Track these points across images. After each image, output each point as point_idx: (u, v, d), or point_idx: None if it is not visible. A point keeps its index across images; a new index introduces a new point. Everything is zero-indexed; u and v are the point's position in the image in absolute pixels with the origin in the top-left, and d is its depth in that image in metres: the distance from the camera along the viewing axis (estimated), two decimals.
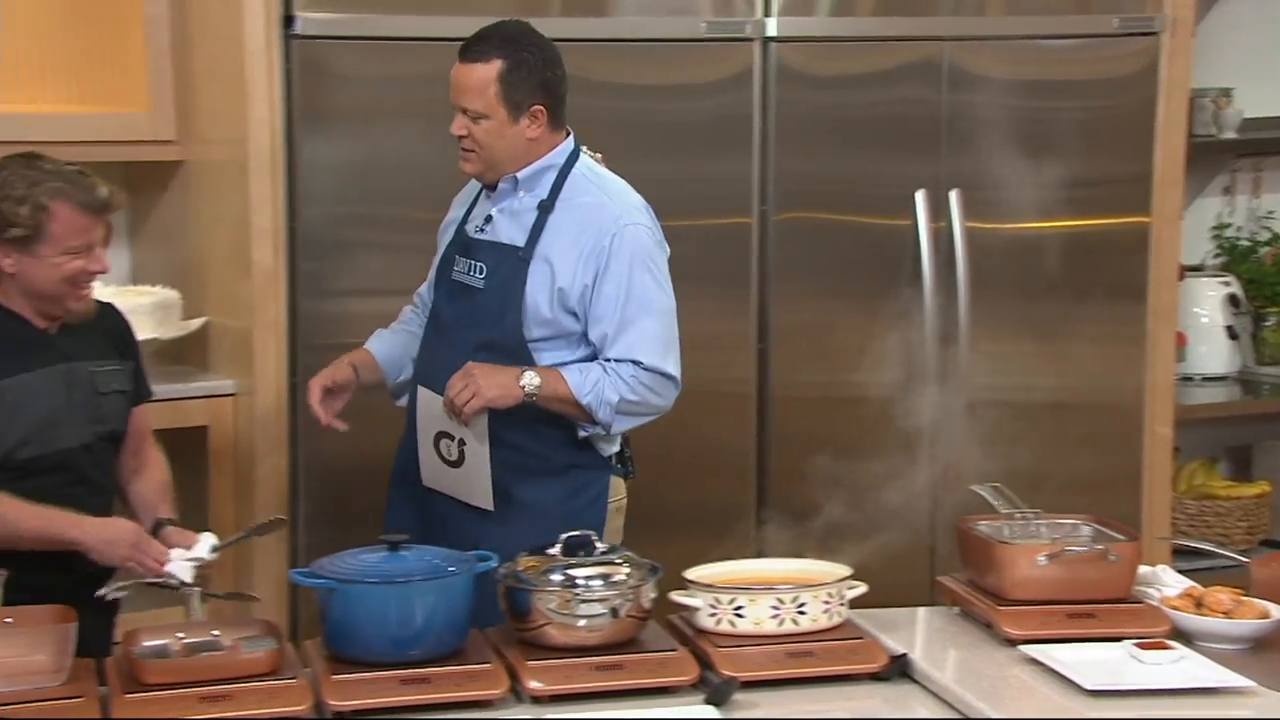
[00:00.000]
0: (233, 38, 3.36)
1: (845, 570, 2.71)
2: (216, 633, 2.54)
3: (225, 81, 3.42)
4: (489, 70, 2.87)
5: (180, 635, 2.52)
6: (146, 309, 3.46)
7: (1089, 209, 3.99)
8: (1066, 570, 2.69)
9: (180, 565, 2.74)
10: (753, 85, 3.74)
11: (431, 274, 3.11)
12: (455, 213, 3.08)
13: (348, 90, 3.46)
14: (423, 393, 2.97)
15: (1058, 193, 3.87)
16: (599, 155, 3.08)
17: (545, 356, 2.93)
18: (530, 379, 2.87)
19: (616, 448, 3.05)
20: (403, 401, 3.11)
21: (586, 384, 2.90)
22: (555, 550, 2.64)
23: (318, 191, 3.46)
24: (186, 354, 3.64)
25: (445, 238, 3.06)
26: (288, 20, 3.37)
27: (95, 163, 3.50)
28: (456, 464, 2.94)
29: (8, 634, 2.44)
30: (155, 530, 2.90)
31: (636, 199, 3.01)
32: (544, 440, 2.96)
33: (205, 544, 2.78)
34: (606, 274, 2.90)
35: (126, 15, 3.48)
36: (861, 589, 2.69)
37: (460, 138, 2.91)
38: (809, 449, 3.46)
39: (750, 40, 3.72)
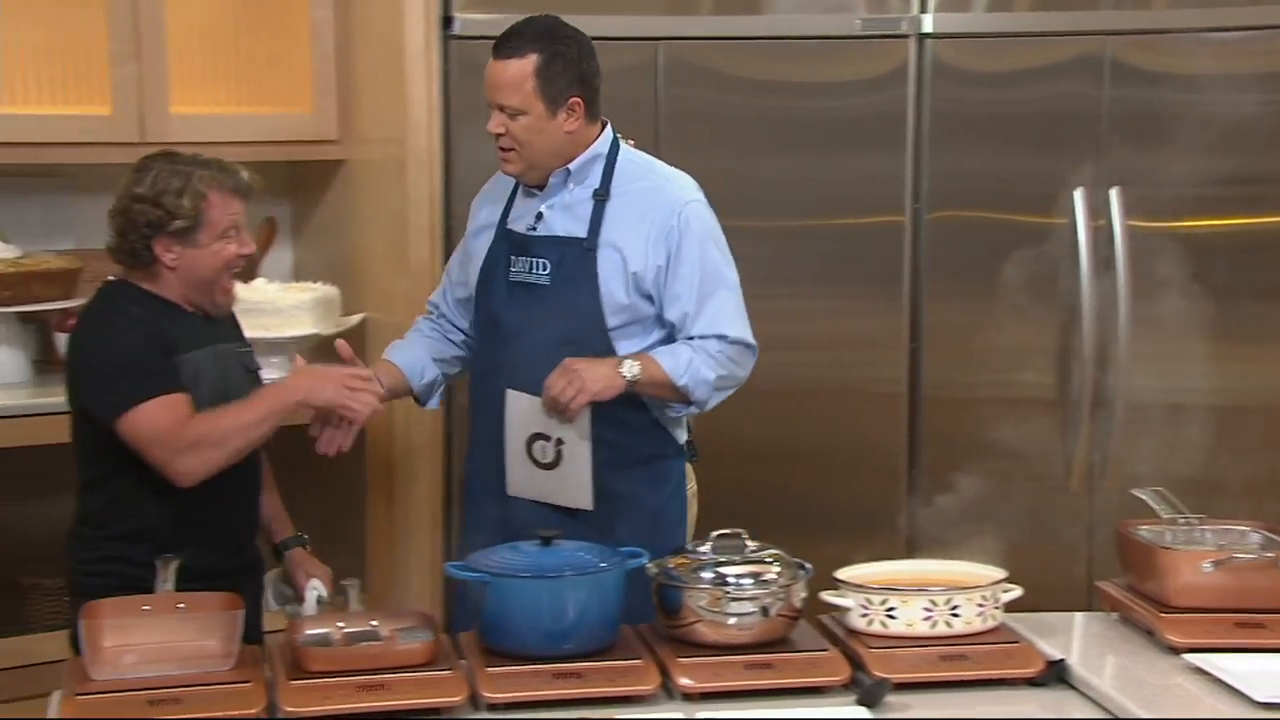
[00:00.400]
0: (393, 39, 3.42)
1: (1000, 573, 2.68)
2: (375, 623, 2.58)
3: (385, 82, 3.48)
4: (525, 65, 2.87)
5: (340, 625, 2.56)
6: (307, 305, 3.54)
7: (1256, 206, 3.89)
8: (1234, 578, 2.63)
9: (308, 606, 2.82)
10: (907, 82, 3.71)
11: (449, 282, 3.11)
12: (485, 217, 3.05)
13: None
14: (512, 396, 2.94)
15: (1222, 189, 3.78)
16: (632, 141, 3.07)
17: (623, 345, 2.94)
18: (630, 367, 2.87)
19: (686, 434, 3.05)
20: (433, 404, 3.11)
21: (680, 365, 2.91)
22: (706, 548, 2.65)
23: (474, 190, 3.50)
24: None
25: (481, 242, 3.03)
26: (446, 21, 3.43)
27: (260, 162, 3.63)
28: (552, 465, 2.92)
29: (180, 619, 2.51)
30: (289, 546, 2.97)
31: (688, 178, 3.02)
32: (629, 431, 2.96)
33: (311, 597, 2.84)
34: (680, 254, 2.92)
35: (293, 19, 3.56)
36: (1016, 592, 2.66)
37: (498, 136, 2.91)
38: (961, 449, 3.43)
39: (905, 37, 3.69)
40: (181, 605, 2.55)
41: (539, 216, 2.97)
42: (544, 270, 2.94)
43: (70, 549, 2.79)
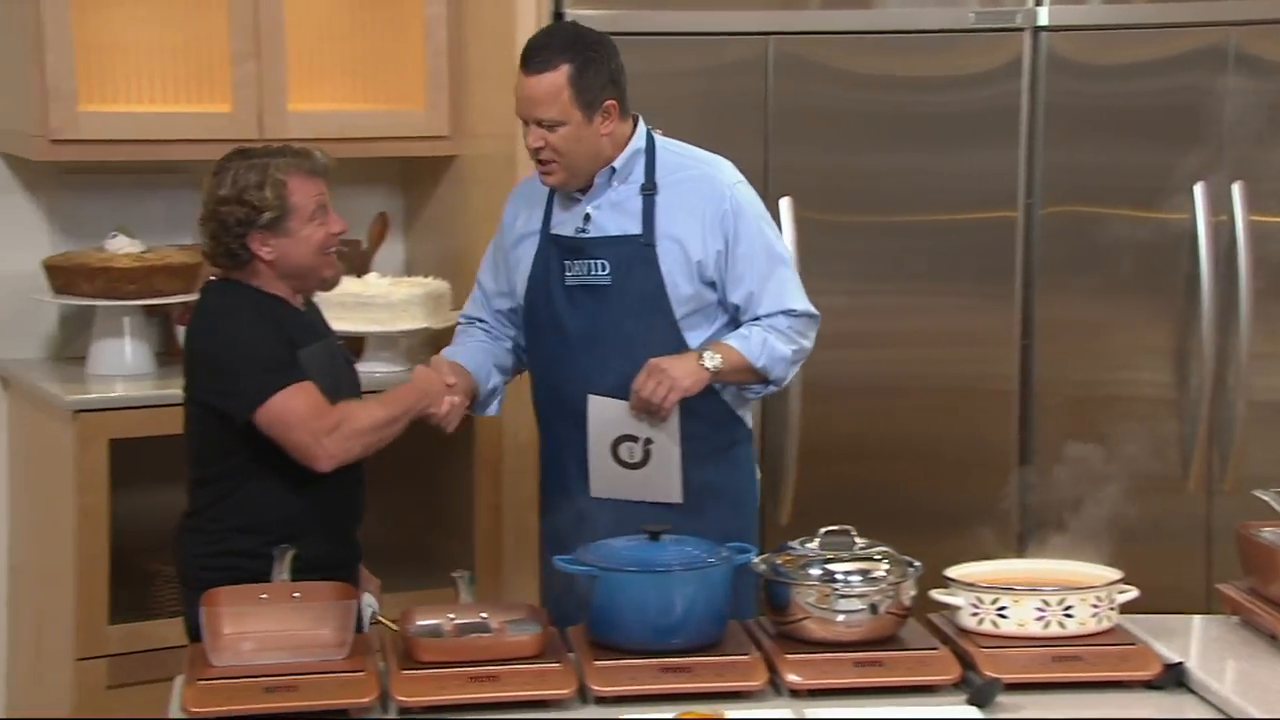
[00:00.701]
0: (505, 35, 3.45)
1: (1115, 573, 2.64)
2: (485, 615, 2.61)
3: (496, 78, 3.51)
4: (558, 76, 2.86)
5: (451, 616, 2.60)
6: (419, 299, 3.58)
7: None
8: None
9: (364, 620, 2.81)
10: (1021, 76, 3.66)
11: (484, 295, 3.09)
12: (523, 225, 3.03)
13: None
14: (595, 402, 2.92)
15: None
16: (660, 130, 3.07)
17: (691, 336, 2.94)
18: (711, 358, 2.88)
19: (751, 418, 3.05)
20: (491, 411, 3.10)
21: (754, 346, 2.92)
22: (814, 544, 2.65)
23: None
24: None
25: (523, 251, 3.01)
26: (557, 16, 3.44)
27: (374, 158, 3.70)
28: (640, 465, 2.91)
29: (295, 608, 2.55)
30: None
31: (726, 161, 3.02)
32: (703, 420, 2.96)
33: (366, 614, 2.81)
34: (737, 236, 2.93)
35: (407, 17, 3.60)
36: (1133, 593, 2.62)
37: (537, 150, 2.90)
38: (1074, 448, 3.38)
39: (1020, 30, 3.65)
40: (297, 594, 2.59)
41: (587, 218, 2.97)
42: (604, 271, 2.95)
43: (183, 541, 2.84)
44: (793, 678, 2.49)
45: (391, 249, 3.90)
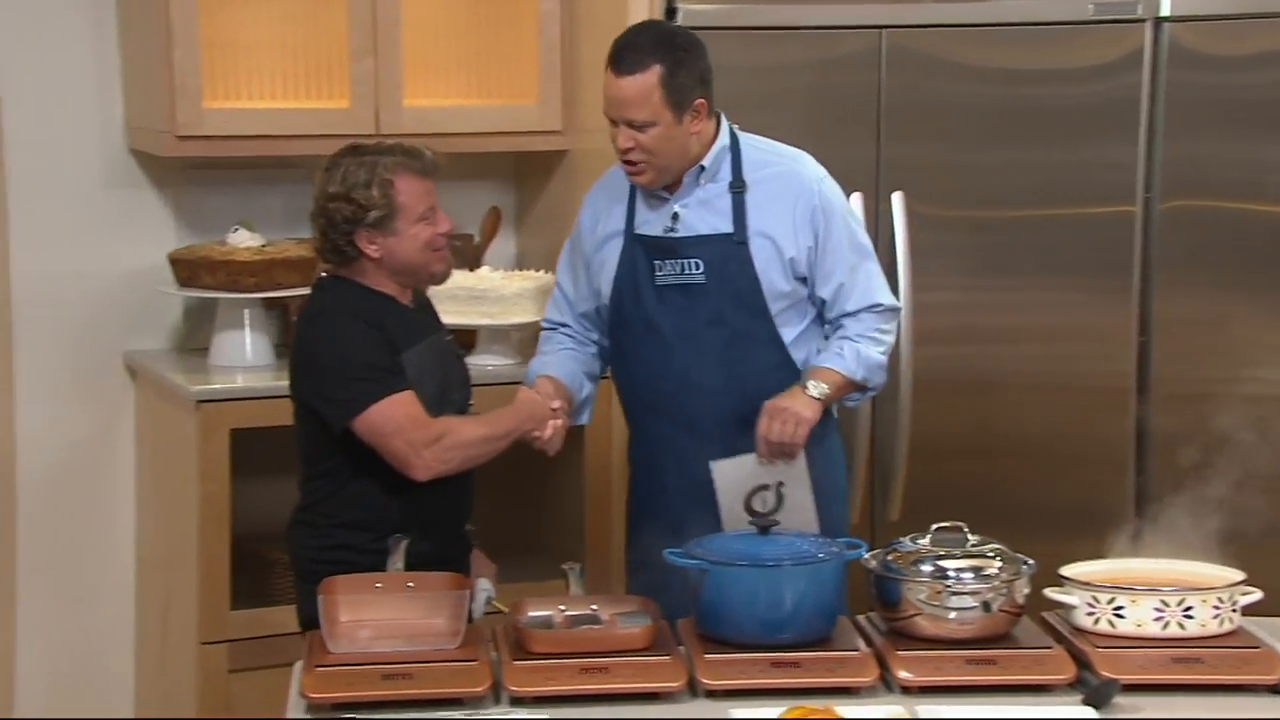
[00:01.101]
0: (617, 31, 3.43)
1: (1237, 574, 2.59)
2: (595, 607, 2.63)
3: None
4: (650, 78, 2.84)
5: (563, 608, 2.62)
6: (530, 293, 3.60)
7: None
8: None
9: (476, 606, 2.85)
10: (1142, 67, 3.60)
11: (565, 299, 3.07)
12: (605, 227, 3.00)
13: (725, 79, 3.49)
14: (721, 466, 2.91)
15: None
16: (738, 124, 3.03)
17: (785, 331, 2.94)
18: (816, 386, 2.87)
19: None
20: (583, 419, 3.09)
21: (849, 362, 2.91)
22: (925, 540, 2.63)
23: None
24: None
25: (608, 252, 2.99)
26: (670, 12, 3.44)
27: (487, 153, 3.72)
28: (775, 511, 2.75)
29: (409, 597, 2.58)
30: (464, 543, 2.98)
31: (809, 155, 3.00)
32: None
33: (481, 598, 2.88)
34: (828, 231, 2.92)
35: (520, 14, 3.61)
36: (1256, 595, 2.57)
37: (627, 150, 2.87)
38: (1193, 446, 3.32)
39: (1142, 21, 3.59)
40: (411, 584, 2.63)
41: (675, 217, 2.95)
42: (698, 270, 2.93)
43: (295, 534, 2.87)
44: (904, 674, 2.48)
45: (503, 243, 3.93)
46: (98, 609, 3.73)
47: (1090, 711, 2.38)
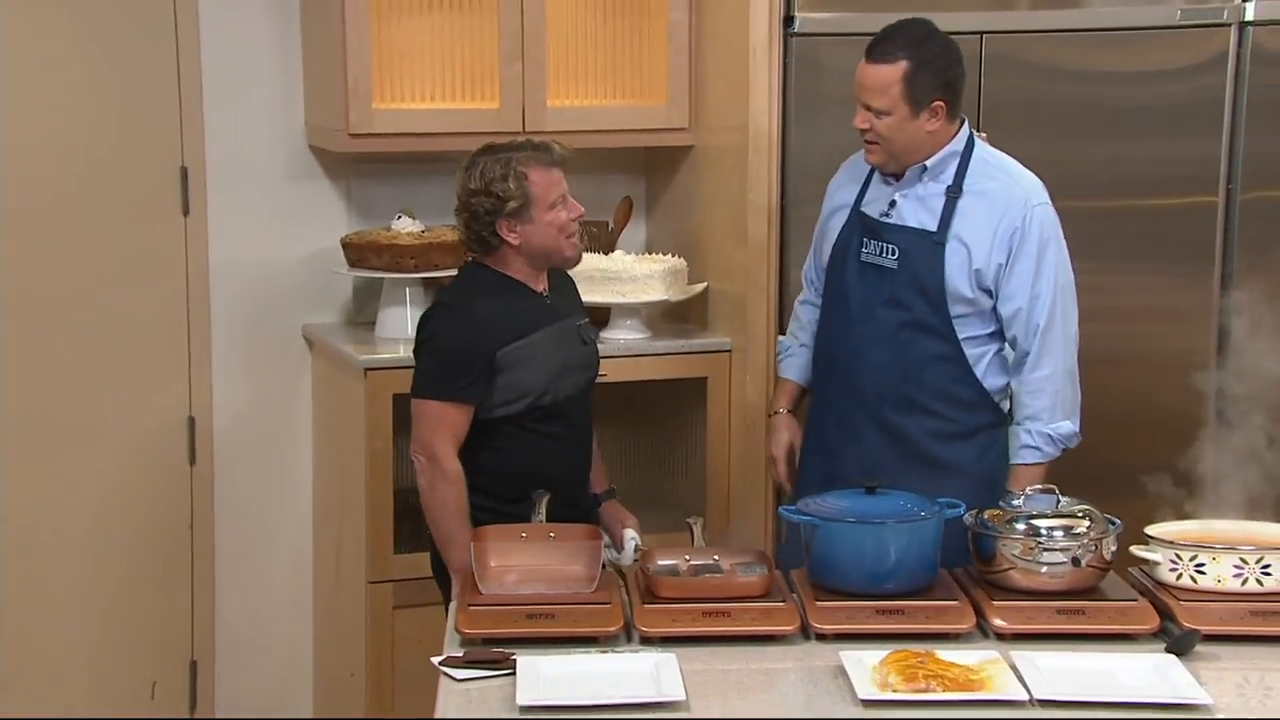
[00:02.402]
0: (740, 37, 3.42)
1: None
2: (717, 557, 2.61)
3: (732, 76, 3.48)
4: (894, 71, 2.79)
5: (688, 558, 2.61)
6: (659, 275, 3.58)
7: None
8: None
9: (626, 554, 2.88)
10: (1226, 69, 3.48)
11: (817, 256, 3.04)
12: (841, 198, 2.99)
13: (837, 82, 3.44)
14: None
15: None
16: (984, 134, 2.97)
17: (963, 330, 2.87)
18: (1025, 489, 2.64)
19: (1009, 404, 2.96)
20: None
21: (1043, 452, 2.86)
22: (1019, 501, 2.57)
23: (808, 173, 3.47)
24: (690, 314, 3.75)
25: (835, 222, 2.98)
26: (788, 20, 3.40)
27: (621, 149, 3.71)
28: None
29: (550, 546, 2.59)
30: (604, 498, 3.00)
31: (1035, 179, 2.90)
32: (960, 406, 2.89)
33: (630, 546, 2.89)
34: (1020, 253, 2.82)
35: (653, 23, 3.60)
36: None
37: (863, 131, 2.84)
38: (1265, 418, 3.21)
39: (1227, 25, 3.47)
40: (552, 535, 2.64)
41: (892, 204, 2.91)
42: (892, 255, 2.88)
43: None
44: (999, 622, 2.44)
45: (635, 229, 3.92)
46: (281, 550, 3.80)
47: (1173, 659, 2.31)
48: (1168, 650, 2.35)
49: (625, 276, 3.55)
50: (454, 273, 3.55)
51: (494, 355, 2.77)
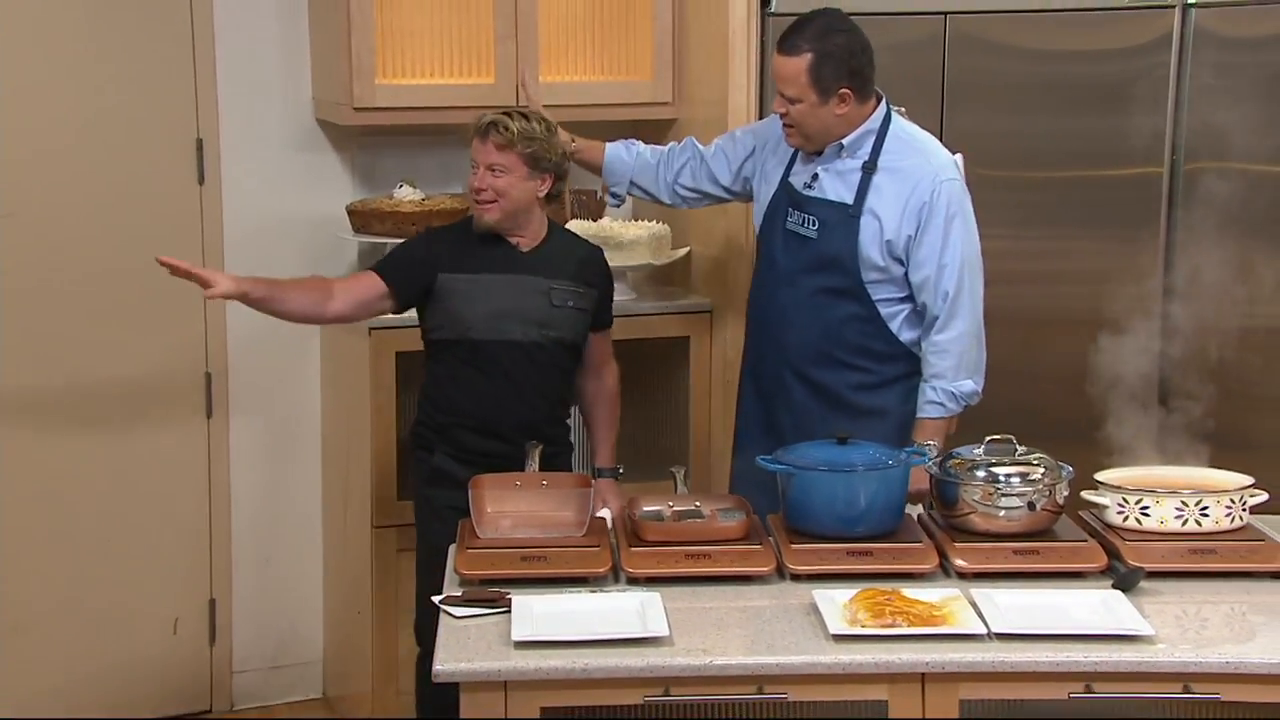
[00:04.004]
0: (719, 19, 3.39)
1: (1247, 479, 2.52)
2: (698, 504, 2.60)
3: (712, 53, 3.45)
4: (800, 62, 2.80)
5: (670, 504, 2.60)
6: (644, 240, 3.56)
7: None
8: None
9: None
10: (1171, 48, 3.46)
11: (693, 153, 3.11)
12: (772, 168, 3.00)
13: None
14: None
15: None
16: (903, 109, 2.95)
17: (878, 294, 2.88)
18: (931, 450, 2.66)
19: None
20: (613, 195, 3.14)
21: (945, 406, 2.85)
22: (979, 450, 2.57)
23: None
24: (673, 277, 3.73)
25: (766, 187, 3.00)
26: (765, 1, 3.37)
27: (609, 121, 3.68)
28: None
29: (542, 493, 2.58)
30: (601, 475, 3.04)
31: (947, 156, 2.90)
32: (880, 359, 2.91)
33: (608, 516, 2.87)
34: (929, 226, 2.83)
35: (638, 5, 3.56)
36: (1263, 497, 2.50)
37: (782, 115, 2.86)
38: (1208, 373, 3.22)
39: (1171, 7, 3.44)
40: (545, 483, 2.63)
41: (815, 177, 2.91)
42: (813, 226, 2.90)
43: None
44: (960, 562, 2.44)
45: None
46: (292, 497, 3.78)
47: (1119, 594, 2.32)
48: (1114, 586, 2.36)
49: (612, 242, 3.53)
50: None
51: (436, 275, 2.88)
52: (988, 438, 2.58)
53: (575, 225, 3.57)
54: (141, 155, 3.53)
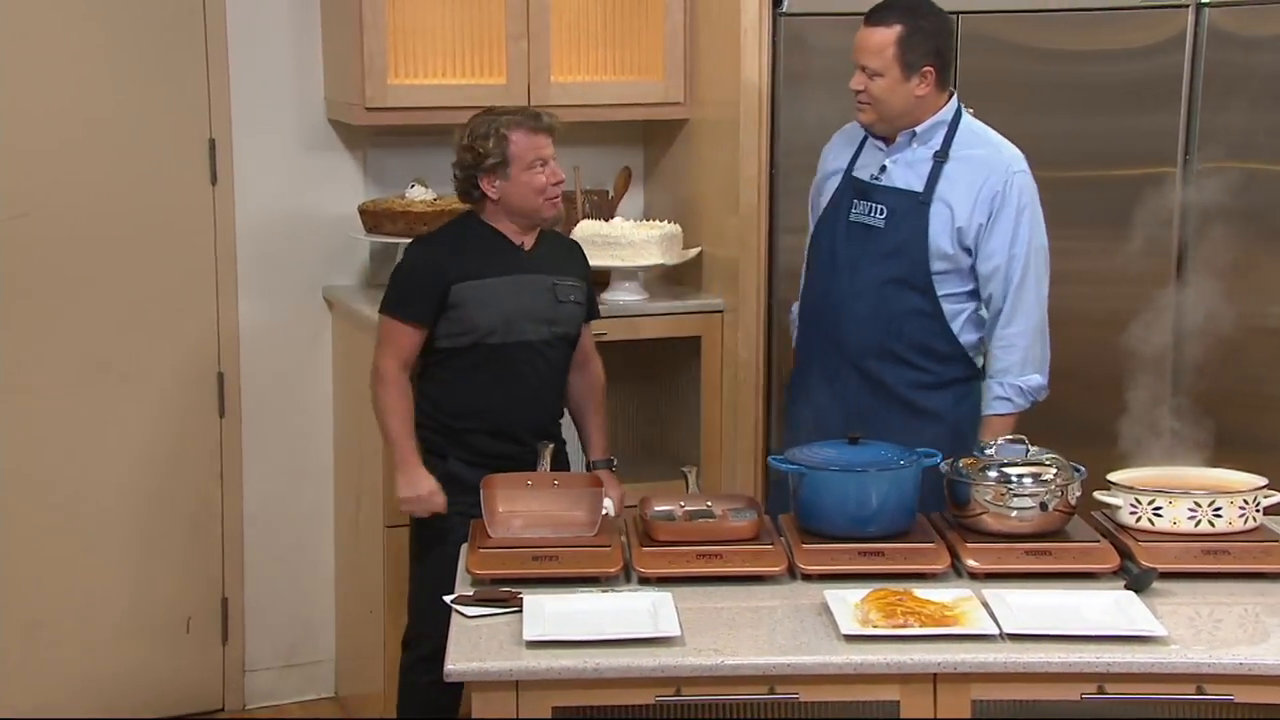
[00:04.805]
0: (731, 17, 3.39)
1: (1261, 480, 2.51)
2: (710, 504, 2.60)
3: (724, 53, 3.45)
4: (889, 34, 2.79)
5: (682, 504, 2.59)
6: (655, 240, 3.56)
7: None
8: None
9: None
10: (1184, 47, 3.44)
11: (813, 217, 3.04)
12: (833, 163, 2.98)
13: (823, 59, 3.42)
14: None
15: None
16: (971, 109, 2.94)
17: (942, 287, 2.86)
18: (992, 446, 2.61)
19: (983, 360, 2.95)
20: None
21: (1013, 403, 2.83)
22: (992, 450, 2.56)
23: (796, 145, 3.45)
24: (684, 277, 3.73)
25: (829, 185, 2.98)
26: (777, 1, 3.37)
27: (620, 122, 3.68)
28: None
29: (554, 493, 2.58)
30: (597, 466, 3.02)
31: (1016, 150, 2.89)
32: (939, 359, 2.89)
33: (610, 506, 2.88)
34: (1000, 215, 2.82)
35: (650, 5, 3.56)
36: (1277, 497, 2.49)
37: (857, 92, 2.84)
38: (1220, 373, 3.21)
39: (1184, 6, 3.43)
40: (556, 483, 2.62)
41: (883, 168, 2.89)
42: (881, 215, 2.87)
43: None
44: (972, 563, 2.43)
45: (633, 197, 3.89)
46: (305, 497, 3.79)
47: (1132, 595, 2.31)
48: (1127, 587, 2.35)
49: (624, 242, 3.53)
50: None
51: (448, 287, 2.84)
52: (1000, 438, 2.58)
53: (587, 225, 3.57)
54: (154, 155, 3.54)
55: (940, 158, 2.85)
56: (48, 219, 3.47)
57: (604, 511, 2.85)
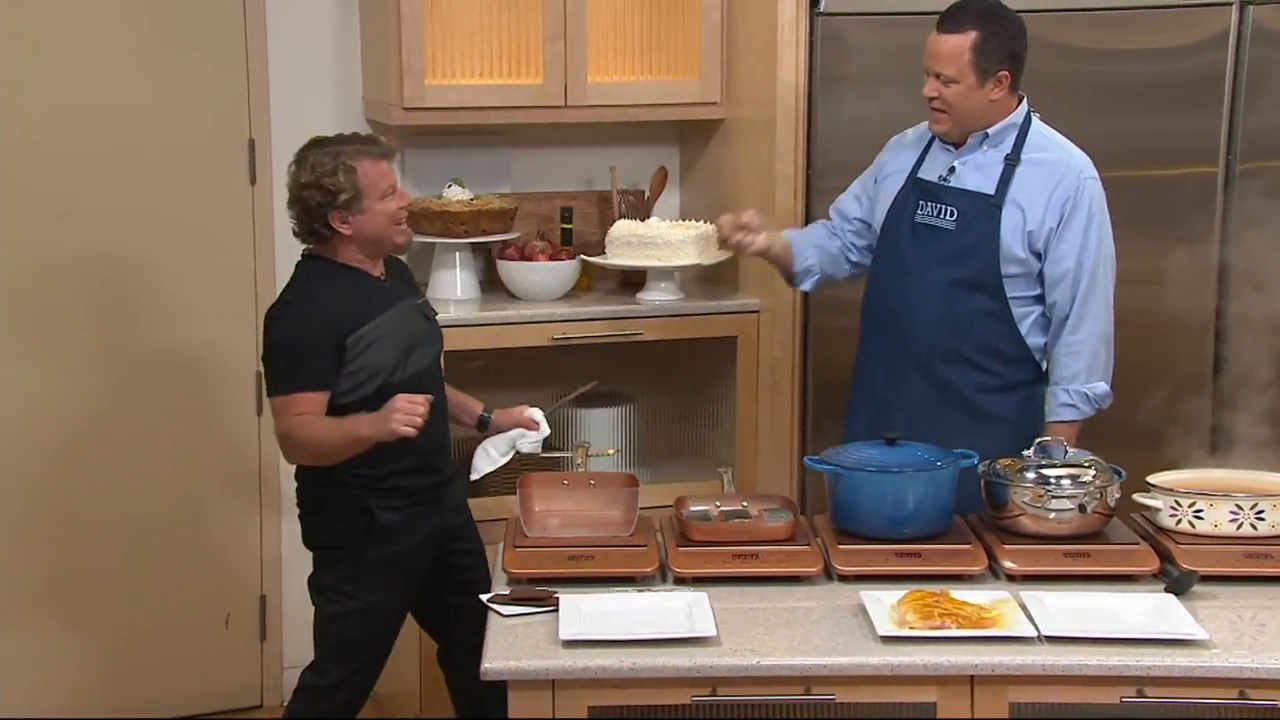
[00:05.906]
0: (768, 17, 3.38)
1: None
2: (745, 504, 2.61)
3: (761, 53, 3.45)
4: (964, 40, 2.75)
5: (718, 504, 2.60)
6: (691, 240, 3.56)
7: None
8: None
9: (529, 443, 2.84)
10: (1228, 46, 3.41)
11: (849, 203, 3.03)
12: (896, 164, 2.96)
13: (861, 59, 3.41)
14: None
15: None
16: (1039, 115, 2.92)
17: (1011, 290, 2.83)
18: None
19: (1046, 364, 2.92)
20: (805, 286, 3.06)
21: (1078, 410, 2.81)
22: (1030, 452, 2.55)
23: (832, 145, 3.44)
24: (721, 277, 3.72)
25: (890, 186, 2.95)
26: (814, 1, 3.36)
27: (657, 122, 3.69)
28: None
29: (590, 492, 2.59)
30: (484, 422, 2.92)
31: (1086, 156, 2.87)
32: (1004, 361, 2.86)
33: (538, 414, 2.84)
34: (1072, 220, 2.79)
35: (687, 4, 3.56)
36: None
37: (931, 99, 2.81)
38: (1262, 374, 3.18)
39: (1228, 4, 3.39)
40: (592, 482, 2.63)
41: (951, 170, 2.87)
42: (950, 217, 2.85)
43: (300, 471, 2.80)
44: (1009, 564, 2.42)
45: (669, 197, 3.89)
46: None
47: (1172, 598, 2.29)
48: (1167, 590, 2.33)
49: (660, 242, 3.53)
50: (502, 238, 3.55)
51: (343, 342, 2.66)
52: (1038, 439, 2.57)
53: (623, 225, 3.58)
54: (194, 155, 3.58)
55: (1012, 160, 2.83)
56: (89, 219, 3.51)
57: (539, 413, 2.84)
